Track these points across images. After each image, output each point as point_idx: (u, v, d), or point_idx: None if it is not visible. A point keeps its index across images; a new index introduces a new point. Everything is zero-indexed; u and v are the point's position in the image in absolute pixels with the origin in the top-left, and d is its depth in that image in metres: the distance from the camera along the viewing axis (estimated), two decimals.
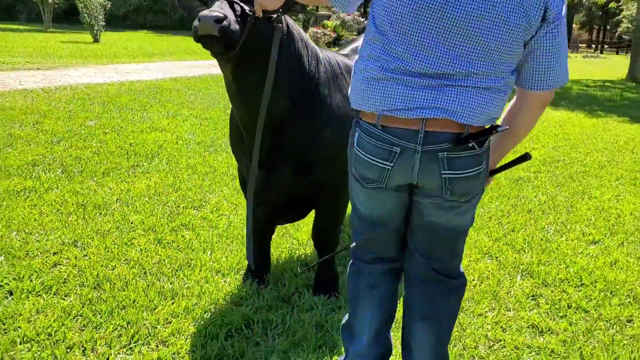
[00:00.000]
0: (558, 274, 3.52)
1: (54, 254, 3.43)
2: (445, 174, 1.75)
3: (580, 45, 44.23)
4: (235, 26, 2.22)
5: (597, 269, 3.63)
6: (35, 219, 3.91)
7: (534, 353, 2.69)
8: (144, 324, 2.72)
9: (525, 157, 1.87)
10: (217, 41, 2.21)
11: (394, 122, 1.74)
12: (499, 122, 1.88)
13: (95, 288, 3.04)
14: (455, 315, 2.08)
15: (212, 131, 7.04)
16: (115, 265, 3.31)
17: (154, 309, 2.86)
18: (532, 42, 1.69)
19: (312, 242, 3.35)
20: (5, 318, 2.70)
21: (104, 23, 22.05)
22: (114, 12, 26.25)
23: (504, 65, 1.70)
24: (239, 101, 2.62)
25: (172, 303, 2.92)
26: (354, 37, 12.61)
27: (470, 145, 1.72)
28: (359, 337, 2.13)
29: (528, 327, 2.91)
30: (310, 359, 2.52)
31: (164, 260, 3.41)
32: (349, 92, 1.94)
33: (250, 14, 2.28)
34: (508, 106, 1.92)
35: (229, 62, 2.41)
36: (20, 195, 4.35)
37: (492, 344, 2.74)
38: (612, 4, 22.12)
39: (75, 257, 3.38)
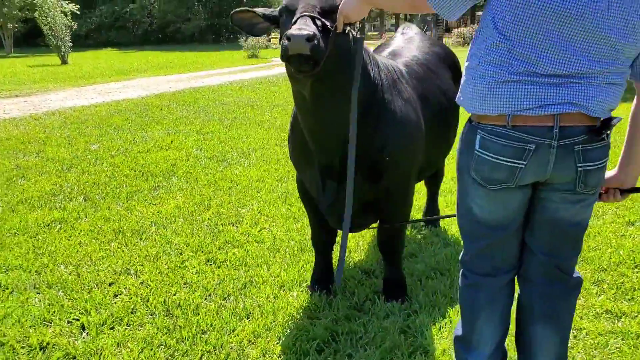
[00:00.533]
0: (611, 258, 3.58)
1: (110, 284, 3.36)
2: (581, 166, 1.77)
3: None
4: (322, 43, 2.20)
5: None
6: (77, 250, 3.82)
7: (619, 338, 2.73)
8: (230, 347, 2.68)
9: None
10: (307, 60, 2.19)
11: (526, 121, 1.74)
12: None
13: (166, 315, 2.99)
14: (574, 313, 2.10)
15: (218, 145, 6.98)
16: (176, 290, 3.26)
17: (233, 331, 2.83)
18: None
19: (373, 248, 3.35)
20: (90, 354, 2.63)
21: (70, 44, 21.70)
22: (76, 31, 25.78)
23: (627, 61, 1.73)
24: (313, 115, 2.59)
25: (250, 322, 2.89)
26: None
27: (603, 136, 1.74)
28: (479, 350, 2.11)
29: (603, 313, 2.96)
30: None
31: (225, 279, 3.36)
32: (460, 98, 1.93)
33: (332, 29, 2.27)
34: (631, 111, 1.92)
35: (310, 78, 2.38)
36: (51, 226, 4.26)
37: (575, 333, 2.77)
38: None
39: (133, 285, 3.31)
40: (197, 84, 13.88)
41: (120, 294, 3.23)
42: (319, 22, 2.26)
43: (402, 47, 3.62)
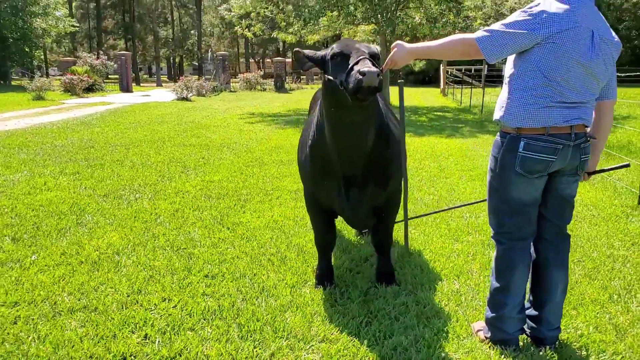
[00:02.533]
0: None
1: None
2: (583, 157, 2.81)
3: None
4: None
5: None
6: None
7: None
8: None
9: (624, 166, 3.03)
10: (375, 91, 2.92)
11: (557, 130, 2.73)
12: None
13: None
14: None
15: (118, 182, 6.99)
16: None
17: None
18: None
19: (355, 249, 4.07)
20: None
21: None
22: None
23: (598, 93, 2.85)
24: (351, 135, 3.30)
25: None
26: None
27: (589, 138, 2.83)
28: (516, 296, 2.94)
29: None
30: (444, 326, 3.30)
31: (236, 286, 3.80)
32: (504, 117, 2.83)
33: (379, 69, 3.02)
34: (593, 118, 2.98)
35: (362, 106, 3.10)
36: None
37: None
38: None
39: None
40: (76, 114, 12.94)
41: None
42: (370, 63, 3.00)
43: None
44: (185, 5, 53.01)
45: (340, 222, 4.80)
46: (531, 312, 3.11)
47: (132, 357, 2.93)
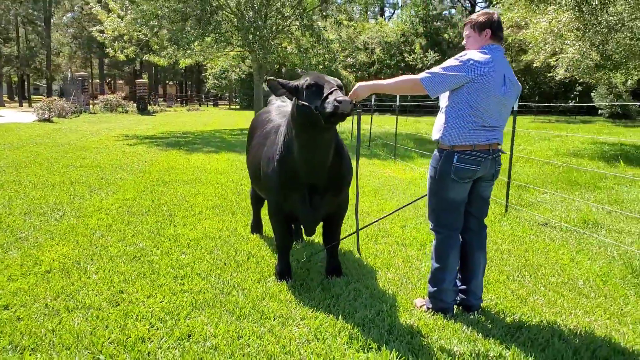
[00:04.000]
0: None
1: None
2: (497, 167, 3.82)
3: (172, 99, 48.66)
4: None
5: None
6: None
7: None
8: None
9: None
10: (344, 117, 3.71)
11: (480, 147, 3.70)
12: None
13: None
14: None
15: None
16: None
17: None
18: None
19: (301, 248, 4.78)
20: None
21: None
22: None
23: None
24: (318, 151, 4.05)
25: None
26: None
27: (500, 153, 3.86)
28: (452, 272, 3.84)
29: None
30: (394, 302, 4.12)
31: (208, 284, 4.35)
32: (441, 137, 3.76)
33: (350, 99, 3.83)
34: None
35: (330, 128, 3.89)
36: None
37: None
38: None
39: None
40: None
41: None
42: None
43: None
44: (32, 22, 49.97)
45: None
46: (461, 286, 4.03)
47: (150, 340, 3.40)
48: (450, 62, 3.64)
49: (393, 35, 43.37)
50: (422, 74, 3.67)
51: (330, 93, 3.72)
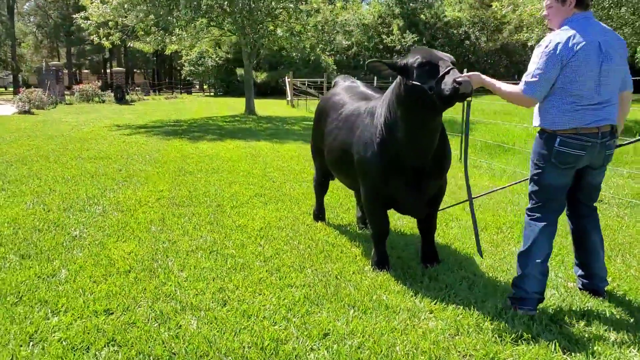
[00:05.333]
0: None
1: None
2: (607, 153, 3.41)
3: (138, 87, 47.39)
4: None
5: None
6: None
7: None
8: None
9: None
10: (465, 97, 3.45)
11: (586, 130, 3.29)
12: None
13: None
14: None
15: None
16: None
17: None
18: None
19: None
20: None
21: None
22: None
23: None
24: (428, 134, 3.80)
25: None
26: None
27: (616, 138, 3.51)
28: (537, 256, 3.42)
29: None
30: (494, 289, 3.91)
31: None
32: (542, 121, 3.43)
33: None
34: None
35: (442, 109, 3.62)
36: None
37: None
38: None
39: None
40: None
41: None
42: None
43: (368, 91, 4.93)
44: None
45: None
46: (580, 272, 3.82)
47: (285, 341, 3.12)
48: (537, 57, 3.32)
49: (370, 17, 43.08)
50: (521, 85, 3.38)
51: (447, 72, 3.46)
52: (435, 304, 3.63)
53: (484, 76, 3.59)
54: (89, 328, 3.26)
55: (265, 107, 27.54)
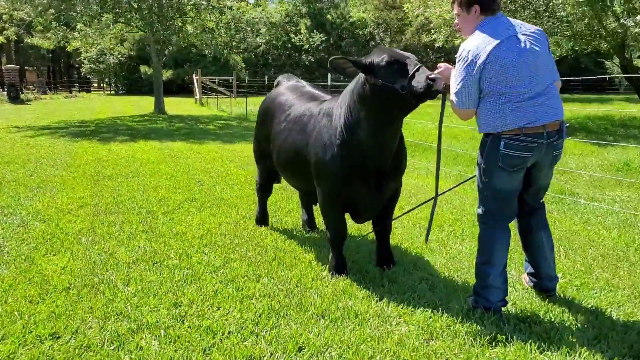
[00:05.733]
0: None
1: None
2: (555, 153, 3.30)
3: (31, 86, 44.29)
4: None
5: None
6: None
7: None
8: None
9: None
10: (439, 93, 3.42)
11: (530, 131, 3.16)
12: None
13: None
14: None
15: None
16: None
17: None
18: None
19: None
20: None
21: None
22: None
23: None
24: (393, 134, 3.75)
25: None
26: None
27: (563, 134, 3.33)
28: (497, 266, 3.39)
29: None
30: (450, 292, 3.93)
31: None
32: (482, 125, 3.32)
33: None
34: None
35: (414, 107, 3.58)
36: None
37: None
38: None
39: None
40: None
41: None
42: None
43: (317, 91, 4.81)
44: None
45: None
46: (530, 270, 3.82)
47: (261, 359, 2.94)
48: (457, 68, 3.30)
49: (277, 15, 42.94)
50: (454, 99, 3.34)
51: (417, 70, 3.42)
52: (402, 308, 3.56)
53: (454, 71, 3.41)
54: (36, 356, 2.92)
55: (174, 105, 26.69)
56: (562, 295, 3.81)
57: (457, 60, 3.29)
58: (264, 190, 5.40)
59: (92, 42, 20.03)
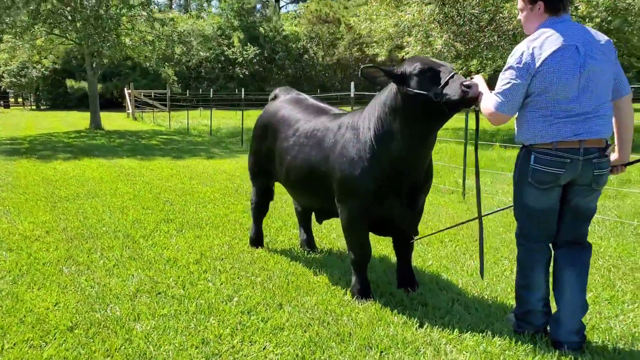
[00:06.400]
0: None
1: None
2: (595, 172, 2.95)
3: None
4: None
5: None
6: None
7: None
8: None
9: None
10: (475, 101, 3.25)
11: (564, 145, 2.92)
12: None
13: None
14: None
15: None
16: None
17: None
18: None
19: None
20: None
21: None
22: None
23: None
24: (427, 145, 3.56)
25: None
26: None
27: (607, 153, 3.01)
28: (537, 291, 3.16)
29: None
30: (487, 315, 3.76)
31: None
32: (518, 133, 3.10)
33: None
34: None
35: (449, 117, 3.40)
36: None
37: None
38: None
39: None
40: None
41: None
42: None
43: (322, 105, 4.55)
44: None
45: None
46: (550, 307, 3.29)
47: None
48: (506, 68, 3.04)
49: (210, 28, 42.18)
50: (492, 100, 3.04)
51: (451, 77, 3.25)
52: (448, 334, 3.34)
53: (483, 81, 3.25)
54: None
55: (106, 120, 25.49)
56: (596, 309, 3.70)
57: (509, 58, 3.02)
58: (260, 210, 5.07)
59: (20, 54, 18.84)
